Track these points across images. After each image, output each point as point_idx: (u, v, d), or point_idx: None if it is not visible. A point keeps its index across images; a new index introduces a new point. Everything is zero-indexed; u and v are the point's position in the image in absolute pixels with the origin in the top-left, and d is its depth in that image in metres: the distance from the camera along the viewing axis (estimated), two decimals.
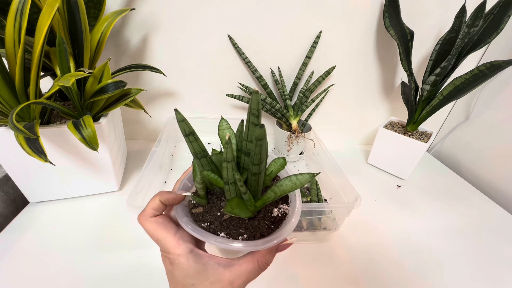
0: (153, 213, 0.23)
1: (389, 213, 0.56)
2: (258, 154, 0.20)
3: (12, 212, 0.49)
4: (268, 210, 0.25)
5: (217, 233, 0.23)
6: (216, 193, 0.26)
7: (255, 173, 0.22)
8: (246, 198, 0.22)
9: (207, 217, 0.24)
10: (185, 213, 0.24)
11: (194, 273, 0.21)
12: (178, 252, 0.22)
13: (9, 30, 0.35)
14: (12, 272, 0.38)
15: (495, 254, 0.48)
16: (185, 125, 0.22)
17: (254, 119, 0.21)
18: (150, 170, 0.47)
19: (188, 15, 0.57)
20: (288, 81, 0.68)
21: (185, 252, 0.22)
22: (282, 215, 0.25)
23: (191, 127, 0.23)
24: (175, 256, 0.22)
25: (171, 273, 0.22)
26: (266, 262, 0.23)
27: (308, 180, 0.22)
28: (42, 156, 0.35)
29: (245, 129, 0.23)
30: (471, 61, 0.71)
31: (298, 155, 0.70)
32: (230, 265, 0.23)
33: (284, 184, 0.22)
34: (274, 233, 0.23)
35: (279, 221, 0.25)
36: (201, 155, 0.24)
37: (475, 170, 0.72)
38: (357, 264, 0.44)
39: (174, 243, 0.22)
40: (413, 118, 0.65)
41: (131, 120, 0.69)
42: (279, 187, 0.22)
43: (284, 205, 0.26)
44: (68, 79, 0.35)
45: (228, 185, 0.23)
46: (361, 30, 0.63)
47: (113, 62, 0.61)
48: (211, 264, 0.22)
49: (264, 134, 0.19)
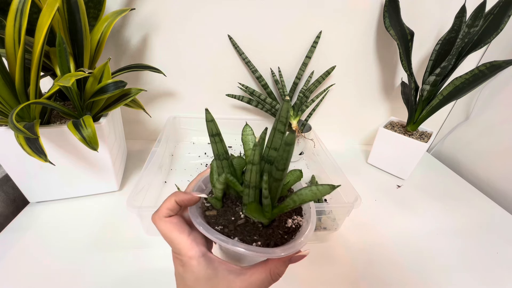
0: (167, 213, 0.23)
1: (389, 213, 0.56)
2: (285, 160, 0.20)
3: (12, 212, 0.49)
4: (283, 220, 0.25)
5: (231, 237, 0.22)
6: (231, 198, 0.26)
7: (278, 179, 0.22)
8: (266, 203, 0.22)
9: (220, 221, 0.24)
10: (199, 215, 0.24)
11: (204, 278, 0.21)
12: (190, 254, 0.21)
13: (9, 30, 0.35)
14: (12, 272, 0.38)
15: (495, 254, 0.48)
16: (213, 125, 0.23)
17: (281, 126, 0.21)
18: (150, 170, 0.47)
19: (188, 15, 0.57)
20: (288, 81, 0.68)
21: (197, 255, 0.21)
22: (296, 226, 0.25)
23: (218, 128, 0.23)
24: (187, 259, 0.21)
25: (181, 276, 0.22)
26: (278, 273, 0.22)
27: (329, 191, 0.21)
28: (42, 156, 0.35)
29: (269, 136, 0.22)
30: (471, 61, 0.71)
31: (298, 155, 0.70)
32: (241, 273, 0.22)
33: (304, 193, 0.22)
34: (289, 243, 0.22)
35: (293, 232, 0.24)
36: (223, 157, 0.24)
37: (475, 170, 0.72)
38: (357, 264, 0.44)
39: (188, 245, 0.22)
40: (413, 118, 0.65)
41: (131, 120, 0.69)
42: (298, 195, 0.22)
43: (298, 216, 0.26)
44: (68, 79, 0.35)
45: (249, 189, 0.22)
46: (361, 30, 0.63)
47: (113, 62, 0.61)
48: (222, 270, 0.21)
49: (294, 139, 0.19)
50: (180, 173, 0.61)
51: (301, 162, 0.70)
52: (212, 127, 0.23)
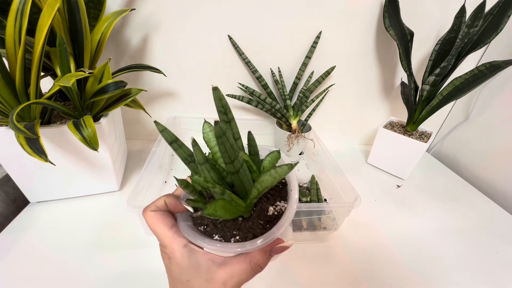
0: (154, 209, 0.24)
1: (389, 213, 0.56)
2: (225, 153, 0.19)
3: (13, 212, 0.49)
4: (264, 208, 0.24)
5: (212, 235, 0.23)
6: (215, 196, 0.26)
7: (232, 172, 0.21)
8: (227, 198, 0.22)
9: (204, 221, 0.24)
10: (186, 218, 0.24)
11: (189, 268, 0.21)
12: (173, 246, 0.22)
13: (10, 30, 0.35)
14: (12, 272, 0.38)
15: (495, 254, 0.48)
16: (167, 134, 0.22)
17: (222, 116, 0.20)
18: (150, 170, 0.47)
19: (188, 15, 0.58)
20: (288, 81, 0.68)
21: (179, 247, 0.22)
22: (279, 213, 0.24)
23: (173, 134, 0.22)
24: (170, 250, 0.22)
25: (169, 268, 0.22)
26: (258, 264, 0.22)
27: (287, 171, 0.21)
28: (42, 156, 0.35)
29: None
30: (471, 61, 0.71)
31: (298, 155, 0.70)
32: (224, 263, 0.22)
33: (265, 179, 0.21)
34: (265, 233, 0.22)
35: (275, 220, 0.24)
36: (188, 161, 0.24)
37: (475, 170, 0.72)
38: (357, 264, 0.44)
39: (170, 237, 0.22)
40: (412, 118, 0.65)
41: (131, 120, 0.70)
42: (260, 183, 0.21)
43: (282, 202, 0.25)
44: (69, 79, 0.35)
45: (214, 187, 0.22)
46: (361, 30, 0.63)
47: (113, 62, 0.61)
48: (204, 260, 0.22)
49: (220, 131, 0.18)
50: (180, 173, 0.61)
51: (301, 162, 0.70)
52: (166, 136, 0.22)
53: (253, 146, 0.25)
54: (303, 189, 0.57)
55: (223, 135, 0.18)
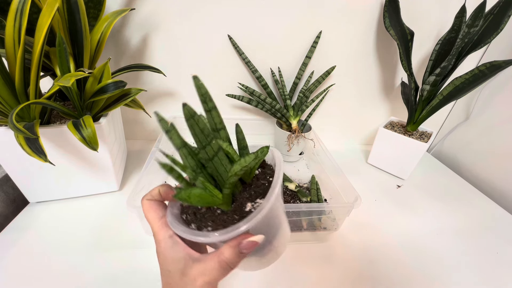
0: (150, 198, 0.24)
1: (389, 213, 0.56)
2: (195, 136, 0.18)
3: (12, 212, 0.49)
4: (243, 204, 0.23)
5: (190, 224, 0.23)
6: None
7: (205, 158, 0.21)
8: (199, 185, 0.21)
9: (189, 210, 0.24)
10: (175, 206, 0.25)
11: (169, 258, 0.22)
12: (159, 235, 0.22)
13: (9, 30, 0.35)
14: (12, 272, 0.38)
15: (495, 254, 0.48)
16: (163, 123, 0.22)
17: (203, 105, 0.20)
18: (150, 170, 0.47)
19: (188, 15, 0.57)
20: (288, 81, 0.68)
21: (164, 237, 0.22)
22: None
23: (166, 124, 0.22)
24: (158, 239, 0.22)
25: (158, 254, 0.23)
26: (226, 261, 0.21)
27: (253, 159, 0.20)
28: (42, 156, 0.35)
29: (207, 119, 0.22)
30: (471, 61, 0.71)
31: (298, 155, 0.70)
32: (198, 260, 0.22)
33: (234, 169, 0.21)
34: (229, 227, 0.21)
35: None
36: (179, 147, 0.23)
37: (475, 170, 0.72)
38: (357, 264, 0.44)
39: (158, 226, 0.23)
40: (413, 118, 0.65)
41: (131, 120, 0.69)
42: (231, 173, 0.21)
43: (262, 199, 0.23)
44: (68, 79, 0.35)
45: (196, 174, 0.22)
46: (361, 30, 0.63)
47: (113, 62, 0.61)
48: (183, 254, 0.22)
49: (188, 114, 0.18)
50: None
51: (301, 162, 0.70)
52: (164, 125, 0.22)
53: (241, 139, 0.25)
54: (303, 189, 0.57)
55: (191, 117, 0.18)
